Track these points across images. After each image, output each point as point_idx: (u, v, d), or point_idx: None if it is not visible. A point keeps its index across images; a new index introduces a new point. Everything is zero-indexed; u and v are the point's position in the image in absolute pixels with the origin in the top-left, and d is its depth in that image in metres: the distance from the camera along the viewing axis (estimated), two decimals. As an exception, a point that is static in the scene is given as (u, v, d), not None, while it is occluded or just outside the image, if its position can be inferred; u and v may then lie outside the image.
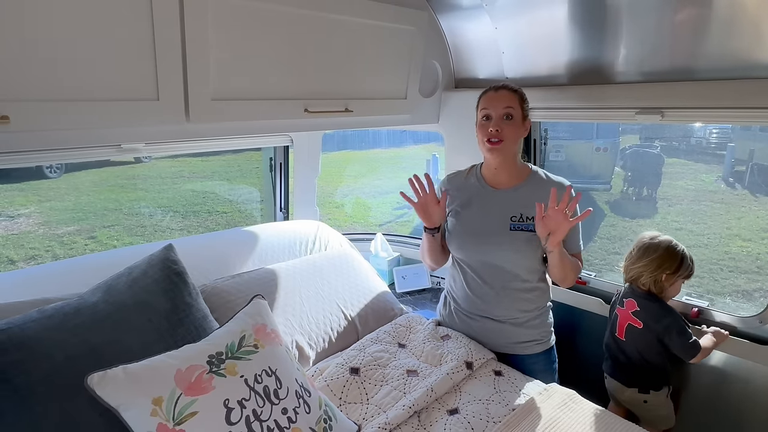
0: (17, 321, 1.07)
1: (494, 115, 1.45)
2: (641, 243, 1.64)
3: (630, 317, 1.64)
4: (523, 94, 1.49)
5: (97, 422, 1.00)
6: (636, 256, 1.63)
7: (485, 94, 1.50)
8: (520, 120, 1.46)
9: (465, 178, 1.61)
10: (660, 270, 1.58)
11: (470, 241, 1.52)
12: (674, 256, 1.58)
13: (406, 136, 11.37)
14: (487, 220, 1.50)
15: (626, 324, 1.65)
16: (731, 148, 6.44)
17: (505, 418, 1.27)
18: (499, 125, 1.43)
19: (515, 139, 1.46)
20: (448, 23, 1.97)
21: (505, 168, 1.50)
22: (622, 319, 1.67)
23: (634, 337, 1.63)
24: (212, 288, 1.56)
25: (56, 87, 1.07)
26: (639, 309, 1.62)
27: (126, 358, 1.04)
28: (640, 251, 1.62)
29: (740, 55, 1.37)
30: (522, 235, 1.45)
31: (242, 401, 1.03)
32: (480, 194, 1.55)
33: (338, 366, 1.46)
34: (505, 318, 1.53)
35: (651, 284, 1.61)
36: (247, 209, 6.52)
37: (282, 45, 1.42)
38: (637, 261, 1.63)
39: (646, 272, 1.60)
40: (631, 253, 1.67)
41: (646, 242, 1.62)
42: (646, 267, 1.60)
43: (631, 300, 1.65)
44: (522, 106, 1.47)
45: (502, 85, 1.48)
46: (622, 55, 1.61)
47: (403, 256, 2.54)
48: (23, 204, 5.77)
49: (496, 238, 1.47)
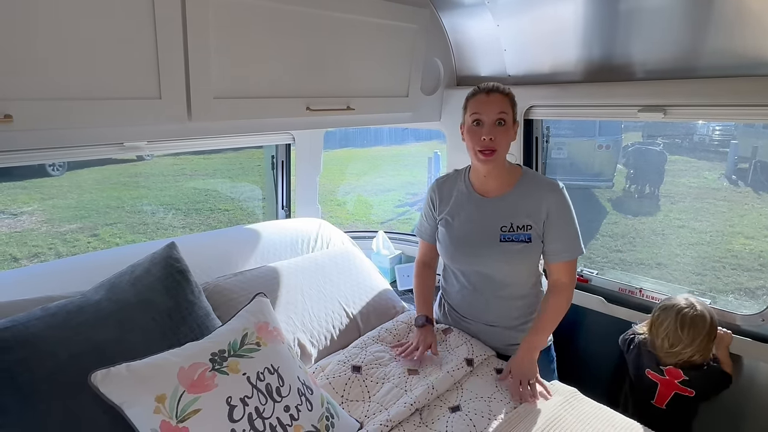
0: (21, 319, 1.08)
1: (486, 121, 1.37)
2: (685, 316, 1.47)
3: (677, 387, 1.51)
4: (513, 96, 1.42)
5: (100, 420, 1.01)
6: (687, 340, 1.46)
7: (475, 96, 1.41)
8: (511, 125, 1.39)
9: (454, 183, 1.56)
10: (710, 343, 1.47)
11: (460, 252, 1.50)
12: (714, 320, 1.48)
13: (407, 133, 11.35)
14: (476, 231, 1.46)
15: (672, 393, 1.52)
16: (734, 145, 6.41)
17: (507, 415, 1.28)
18: (493, 133, 1.35)
19: (508, 146, 1.40)
20: (449, 20, 1.97)
21: (493, 175, 1.45)
22: (664, 388, 1.53)
23: (680, 404, 1.52)
24: (215, 286, 1.56)
25: (59, 86, 1.07)
26: (689, 379, 1.49)
27: (129, 355, 1.05)
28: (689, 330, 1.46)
29: (744, 53, 1.36)
30: (513, 247, 1.41)
31: (245, 399, 1.04)
32: (469, 202, 1.50)
33: (340, 363, 1.46)
34: (498, 323, 1.53)
35: (701, 359, 1.49)
36: (249, 207, 6.53)
37: (283, 43, 1.42)
38: (689, 345, 1.46)
39: (698, 352, 1.47)
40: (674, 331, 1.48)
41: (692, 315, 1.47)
42: (700, 346, 1.46)
43: (673, 369, 1.51)
44: (513, 109, 1.40)
45: (494, 87, 1.40)
46: (625, 52, 1.60)
47: (404, 254, 2.54)
48: (26, 202, 5.79)
49: (487, 249, 1.44)
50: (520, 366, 1.37)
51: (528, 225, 1.42)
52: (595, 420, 1.28)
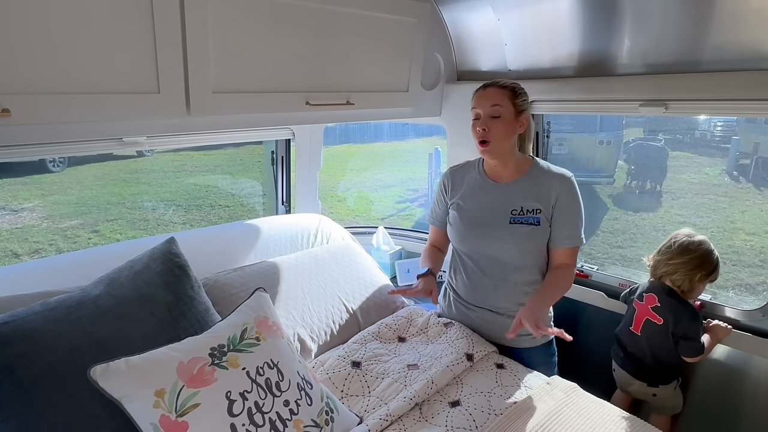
0: (21, 313, 1.08)
1: (482, 113, 1.43)
2: (680, 241, 1.57)
3: (649, 312, 1.60)
4: (515, 88, 1.45)
5: (100, 414, 1.01)
6: (675, 252, 1.57)
7: (476, 93, 1.48)
8: (511, 116, 1.43)
9: (467, 171, 1.61)
10: (697, 270, 1.54)
11: (471, 234, 1.53)
12: (712, 258, 1.54)
13: (408, 129, 11.33)
14: (487, 213, 1.50)
15: (644, 319, 1.61)
16: (736, 141, 6.38)
17: (507, 410, 1.28)
18: (486, 124, 1.41)
19: (505, 137, 1.43)
20: (450, 15, 1.95)
21: (503, 164, 1.50)
22: (640, 313, 1.63)
23: (650, 333, 1.60)
24: (214, 281, 1.56)
25: (57, 80, 1.07)
26: (660, 305, 1.58)
27: (128, 350, 1.05)
28: (680, 248, 1.56)
29: (747, 46, 1.35)
30: (522, 229, 1.45)
31: (244, 393, 1.04)
32: (481, 187, 1.54)
33: (340, 359, 1.46)
34: (504, 310, 1.54)
35: (683, 282, 1.56)
36: (249, 203, 6.53)
37: (283, 37, 1.41)
38: (675, 258, 1.56)
39: (681, 270, 1.55)
40: (666, 248, 1.60)
41: (686, 240, 1.56)
42: (684, 265, 1.54)
43: (652, 295, 1.61)
44: (513, 101, 1.43)
45: (492, 82, 1.45)
46: (626, 46, 1.59)
47: (404, 250, 2.54)
48: (27, 198, 5.79)
49: (497, 231, 1.47)
50: (531, 312, 1.32)
51: (537, 209, 1.45)
52: (595, 415, 1.28)
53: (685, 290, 1.57)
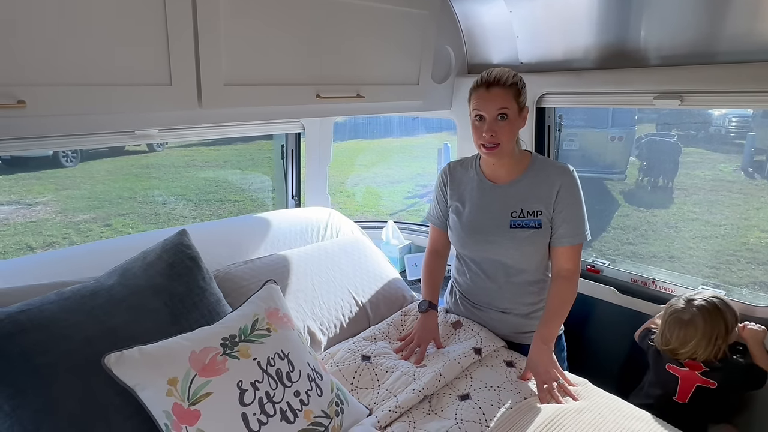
0: (36, 303, 1.09)
1: (487, 117, 1.35)
2: (677, 319, 1.45)
3: (699, 379, 1.43)
4: (518, 83, 1.36)
5: (114, 401, 1.02)
6: (680, 338, 1.43)
7: (476, 90, 1.38)
8: (516, 115, 1.36)
9: (465, 171, 1.56)
10: (713, 343, 1.41)
11: (471, 240, 1.50)
12: (717, 318, 1.41)
13: (417, 124, 11.28)
14: (487, 217, 1.46)
15: (694, 387, 1.44)
16: (751, 137, 6.27)
17: (517, 404, 1.27)
18: (493, 129, 1.34)
19: (512, 138, 1.38)
20: (461, 7, 1.94)
21: (502, 163, 1.45)
22: (685, 382, 1.45)
23: (705, 398, 1.44)
24: (225, 273, 1.57)
25: (71, 72, 1.08)
26: (710, 369, 1.43)
27: (141, 339, 1.06)
28: (681, 332, 1.43)
29: (764, 37, 1.32)
30: (523, 233, 1.41)
31: (255, 383, 1.04)
32: (479, 189, 1.50)
33: (350, 352, 1.47)
34: (510, 310, 1.52)
35: (710, 354, 1.41)
36: (259, 197, 6.56)
37: (294, 29, 1.41)
38: (684, 344, 1.43)
39: (699, 350, 1.42)
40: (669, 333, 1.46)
41: (684, 319, 1.43)
42: (698, 345, 1.42)
43: (692, 361, 1.45)
44: (518, 99, 1.36)
45: (495, 81, 1.34)
46: (640, 38, 1.56)
47: (414, 244, 2.53)
48: (41, 192, 5.88)
49: (497, 236, 1.44)
50: (537, 364, 1.34)
51: (538, 210, 1.41)
52: (606, 410, 1.27)
53: (719, 356, 1.43)
